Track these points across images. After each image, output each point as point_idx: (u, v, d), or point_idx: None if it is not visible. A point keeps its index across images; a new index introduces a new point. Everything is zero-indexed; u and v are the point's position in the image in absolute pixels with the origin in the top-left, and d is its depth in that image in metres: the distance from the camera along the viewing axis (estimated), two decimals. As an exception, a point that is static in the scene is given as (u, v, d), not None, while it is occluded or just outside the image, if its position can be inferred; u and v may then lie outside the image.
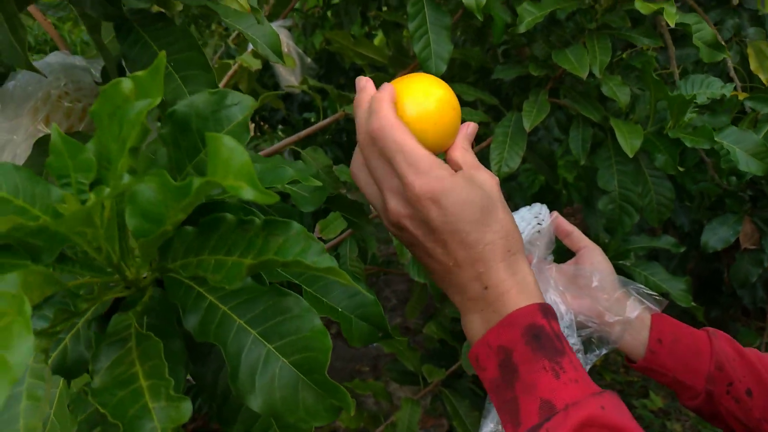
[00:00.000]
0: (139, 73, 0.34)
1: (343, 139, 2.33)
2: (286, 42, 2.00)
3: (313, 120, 2.51)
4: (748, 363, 0.69)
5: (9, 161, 0.75)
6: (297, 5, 2.26)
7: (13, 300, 0.27)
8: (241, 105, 0.43)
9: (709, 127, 1.11)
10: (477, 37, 1.70)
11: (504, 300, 0.50)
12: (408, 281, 3.06)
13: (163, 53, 0.33)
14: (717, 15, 1.85)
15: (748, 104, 1.36)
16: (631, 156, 1.14)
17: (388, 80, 1.35)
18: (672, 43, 1.52)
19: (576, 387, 0.47)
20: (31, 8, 0.84)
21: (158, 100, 0.33)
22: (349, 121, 2.04)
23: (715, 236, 1.54)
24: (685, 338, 0.72)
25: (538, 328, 0.49)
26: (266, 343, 0.39)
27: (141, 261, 0.38)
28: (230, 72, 1.86)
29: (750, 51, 1.78)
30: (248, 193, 0.27)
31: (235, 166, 0.28)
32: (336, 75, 2.30)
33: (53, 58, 0.78)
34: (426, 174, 0.49)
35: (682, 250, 1.36)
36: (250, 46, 2.02)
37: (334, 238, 1.37)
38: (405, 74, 0.68)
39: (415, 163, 0.49)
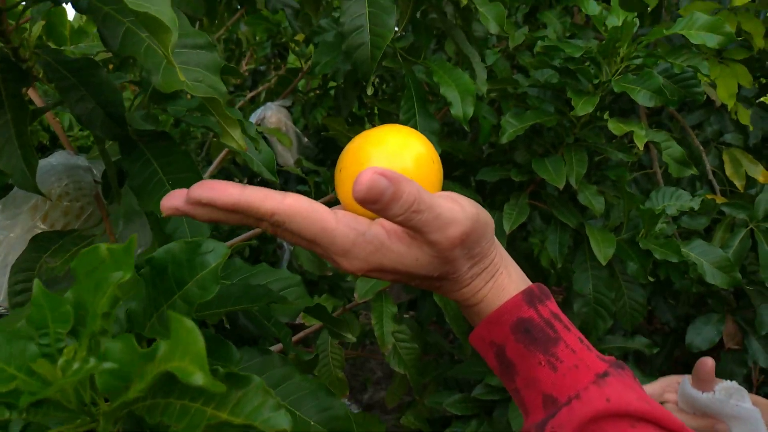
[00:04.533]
0: (115, 246, 0.38)
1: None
2: (285, 121, 2.09)
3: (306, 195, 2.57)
4: None
5: (1, 259, 0.79)
6: (298, 85, 2.37)
7: None
8: (215, 253, 0.47)
9: (676, 242, 1.17)
10: (457, 131, 1.78)
11: (487, 301, 0.49)
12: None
13: (133, 237, 0.37)
14: (701, 115, 1.95)
15: (725, 209, 1.42)
16: (604, 264, 1.18)
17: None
18: (654, 146, 1.60)
19: (577, 373, 0.46)
20: (40, 105, 0.90)
21: (129, 275, 0.37)
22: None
23: (700, 336, 1.56)
24: None
25: (526, 321, 0.48)
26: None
27: (110, 412, 0.41)
28: (226, 149, 1.93)
29: (726, 158, 1.88)
30: (198, 379, 0.31)
31: (191, 350, 0.32)
32: (333, 153, 2.38)
33: (57, 158, 0.83)
34: (353, 257, 0.44)
35: (656, 350, 1.39)
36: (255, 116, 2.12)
37: (317, 324, 1.39)
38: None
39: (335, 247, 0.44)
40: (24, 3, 0.64)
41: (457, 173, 1.68)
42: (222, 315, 0.65)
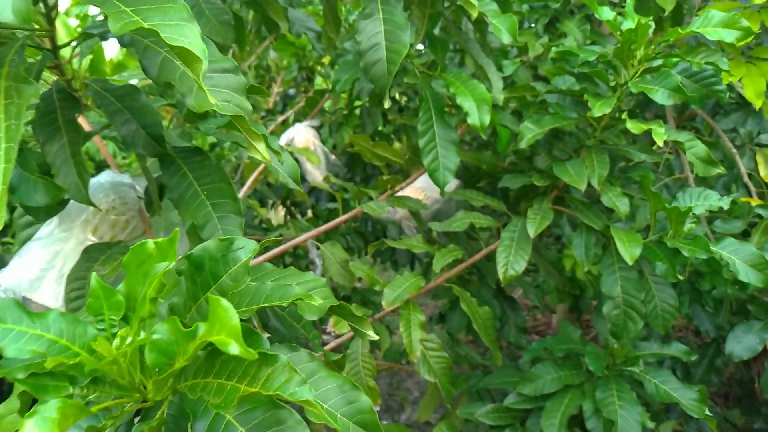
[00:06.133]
0: (161, 240, 0.43)
1: (365, 229, 2.43)
2: (313, 141, 2.16)
3: (336, 211, 2.63)
4: None
5: (58, 269, 0.86)
6: (325, 106, 2.45)
7: (52, 423, 0.35)
8: (245, 248, 0.52)
9: (705, 239, 1.16)
10: (487, 142, 1.81)
11: None
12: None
13: (176, 231, 0.42)
14: (737, 118, 1.91)
15: (761, 212, 1.40)
16: (630, 264, 1.19)
17: (401, 182, 1.44)
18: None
19: None
20: (88, 129, 0.97)
21: (173, 263, 0.42)
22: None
23: (740, 345, 1.48)
24: None
25: None
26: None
27: (158, 384, 0.46)
28: (260, 168, 2.00)
29: (759, 158, 1.85)
30: (234, 349, 0.36)
31: (227, 326, 0.36)
32: (359, 169, 2.45)
33: (104, 176, 0.91)
34: None
35: (694, 358, 1.37)
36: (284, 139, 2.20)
37: (347, 332, 1.43)
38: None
39: None
40: (75, 40, 0.71)
41: (481, 183, 1.71)
42: (254, 312, 0.69)
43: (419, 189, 1.75)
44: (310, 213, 2.74)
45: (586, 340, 1.48)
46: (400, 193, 1.66)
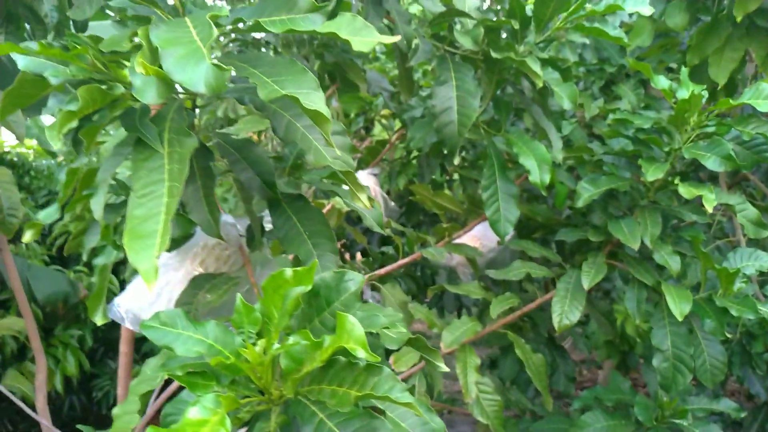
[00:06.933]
0: (299, 269, 0.55)
1: (416, 273, 2.53)
2: (373, 187, 2.30)
3: (390, 253, 2.75)
4: None
5: (168, 295, 1.00)
6: (385, 156, 2.60)
7: (216, 413, 0.47)
8: (355, 281, 0.64)
9: (752, 299, 1.21)
10: (539, 194, 1.90)
11: None
12: (473, 422, 3.04)
13: (315, 263, 0.55)
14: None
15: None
16: (680, 319, 1.24)
17: (458, 230, 1.55)
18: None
19: None
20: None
21: (309, 287, 0.54)
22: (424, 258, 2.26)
23: None
24: None
25: None
26: (361, 454, 0.56)
27: (286, 386, 0.57)
28: (324, 209, 2.15)
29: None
30: (361, 354, 0.47)
31: (354, 336, 0.48)
32: (416, 214, 2.57)
33: (211, 215, 1.05)
34: None
35: (743, 414, 1.38)
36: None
37: (405, 371, 1.52)
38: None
39: None
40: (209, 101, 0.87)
41: (536, 235, 1.79)
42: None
43: (475, 237, 1.85)
44: (359, 255, 2.86)
45: (636, 391, 1.51)
46: (457, 241, 1.76)
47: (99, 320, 0.78)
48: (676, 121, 1.34)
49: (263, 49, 1.65)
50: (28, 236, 1.07)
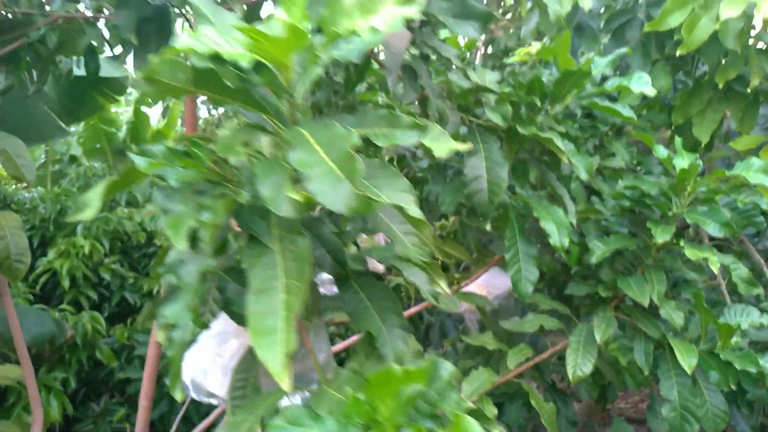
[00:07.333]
0: (412, 368, 0.62)
1: (418, 323, 2.59)
2: (384, 239, 2.39)
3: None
4: None
5: (223, 362, 1.04)
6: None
7: None
8: (447, 369, 0.71)
9: (754, 354, 1.33)
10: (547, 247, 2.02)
11: None
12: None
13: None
14: None
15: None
16: (689, 373, 1.35)
17: (467, 278, 1.63)
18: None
19: None
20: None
21: (420, 387, 0.61)
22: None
23: None
24: None
25: None
26: None
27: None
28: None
29: (787, 271, 2.03)
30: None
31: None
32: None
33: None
34: None
35: (740, 457, 1.50)
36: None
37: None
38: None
39: None
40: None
41: (540, 285, 1.90)
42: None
43: (482, 285, 1.94)
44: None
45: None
46: (465, 289, 1.84)
47: (179, 397, 0.83)
48: (676, 187, 1.47)
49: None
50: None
